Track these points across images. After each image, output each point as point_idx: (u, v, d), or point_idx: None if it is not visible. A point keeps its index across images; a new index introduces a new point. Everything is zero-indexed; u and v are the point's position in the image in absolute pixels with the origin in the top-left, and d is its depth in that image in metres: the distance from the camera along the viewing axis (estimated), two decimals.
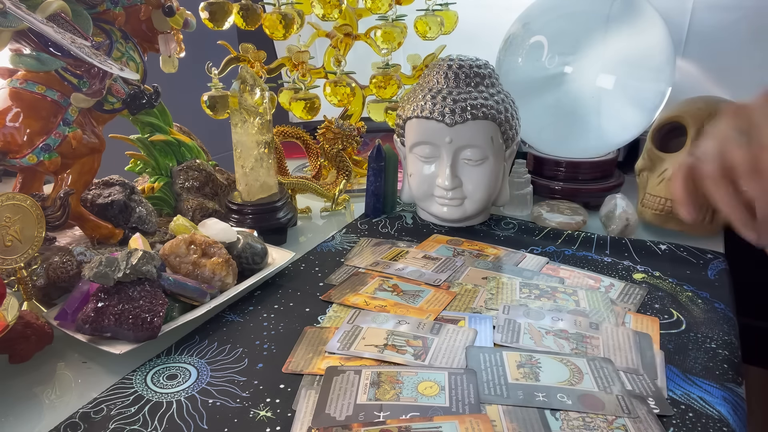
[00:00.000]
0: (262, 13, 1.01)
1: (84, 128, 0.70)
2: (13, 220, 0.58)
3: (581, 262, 0.77)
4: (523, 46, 1.01)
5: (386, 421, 0.47)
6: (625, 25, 0.94)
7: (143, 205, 0.79)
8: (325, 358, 0.56)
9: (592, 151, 0.99)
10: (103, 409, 0.50)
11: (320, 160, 1.02)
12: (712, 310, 0.65)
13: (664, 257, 0.78)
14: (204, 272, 0.65)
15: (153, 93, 0.78)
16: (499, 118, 0.81)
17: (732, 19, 0.98)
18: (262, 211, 0.84)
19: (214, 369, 0.55)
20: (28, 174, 0.71)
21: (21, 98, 0.66)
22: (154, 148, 0.87)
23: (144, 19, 0.77)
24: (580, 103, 0.97)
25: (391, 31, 0.99)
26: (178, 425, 0.48)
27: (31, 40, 0.63)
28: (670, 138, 0.88)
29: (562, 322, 0.61)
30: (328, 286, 0.71)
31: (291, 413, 0.49)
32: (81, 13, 0.67)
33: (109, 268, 0.56)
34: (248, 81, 0.80)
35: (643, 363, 0.55)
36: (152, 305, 0.56)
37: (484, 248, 0.81)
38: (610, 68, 0.95)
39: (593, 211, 0.93)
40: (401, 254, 0.78)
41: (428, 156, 0.84)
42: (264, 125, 0.83)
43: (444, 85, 0.83)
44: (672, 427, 0.47)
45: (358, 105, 1.10)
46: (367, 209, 0.94)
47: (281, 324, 0.63)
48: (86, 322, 0.55)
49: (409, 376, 0.53)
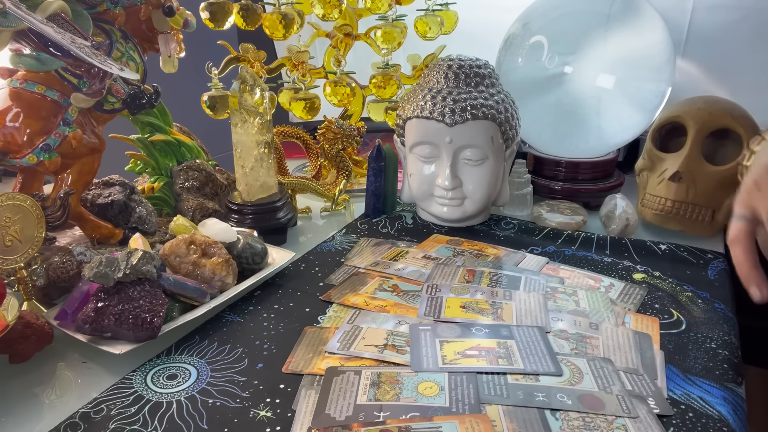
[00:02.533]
0: (262, 13, 1.01)
1: (84, 128, 0.70)
2: (13, 220, 0.58)
3: (581, 262, 0.77)
4: (523, 46, 1.01)
5: (386, 421, 0.47)
6: (625, 25, 0.94)
7: (143, 205, 0.79)
8: (325, 358, 0.56)
9: (592, 151, 0.99)
10: (103, 409, 0.50)
11: (320, 160, 1.02)
12: (712, 310, 0.65)
13: (664, 257, 0.78)
14: (204, 272, 0.65)
15: (153, 93, 0.78)
16: (499, 118, 0.81)
17: (732, 19, 0.98)
18: (262, 211, 0.84)
19: (214, 369, 0.55)
20: (28, 174, 0.71)
21: (21, 98, 0.66)
22: (154, 148, 0.87)
23: (144, 19, 0.77)
24: (580, 103, 0.97)
25: (391, 31, 0.99)
26: (178, 425, 0.48)
27: (31, 40, 0.63)
28: (670, 138, 0.88)
29: (562, 323, 0.61)
30: (328, 286, 0.71)
31: (291, 413, 0.49)
32: (81, 13, 0.67)
33: (109, 268, 0.56)
34: (248, 81, 0.80)
35: (643, 363, 0.55)
36: (152, 305, 0.56)
37: (484, 248, 0.81)
38: (610, 68, 0.95)
39: (593, 211, 0.93)
40: (401, 254, 0.78)
41: (428, 156, 0.84)
42: (264, 125, 0.83)
43: (444, 85, 0.83)
44: (672, 427, 0.47)
45: (358, 105, 1.10)
46: (367, 209, 0.94)
47: (281, 324, 0.63)
48: (86, 322, 0.55)
49: (409, 376, 0.53)
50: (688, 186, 0.81)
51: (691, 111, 0.83)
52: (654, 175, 0.86)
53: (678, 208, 0.82)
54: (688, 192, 0.81)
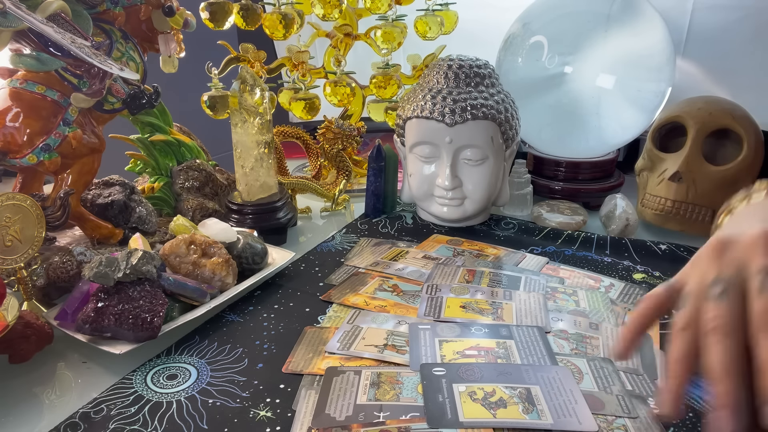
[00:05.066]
0: (262, 13, 1.01)
1: (84, 128, 0.70)
2: (13, 220, 0.58)
3: (581, 262, 0.77)
4: (523, 46, 1.01)
5: (386, 421, 0.47)
6: (625, 25, 0.94)
7: (143, 205, 0.79)
8: (325, 358, 0.56)
9: (592, 151, 0.99)
10: (103, 409, 0.50)
11: (320, 160, 1.02)
12: None
13: (664, 257, 0.78)
14: (204, 272, 0.65)
15: (153, 93, 0.78)
16: (499, 118, 0.81)
17: (732, 19, 0.98)
18: (262, 211, 0.84)
19: (214, 369, 0.55)
20: (28, 174, 0.71)
21: (21, 98, 0.65)
22: (154, 148, 0.87)
23: (144, 19, 0.77)
24: (580, 103, 0.97)
25: (391, 31, 0.99)
26: (178, 425, 0.48)
27: (31, 40, 0.63)
28: (670, 138, 0.88)
29: (562, 323, 0.61)
30: (328, 286, 0.71)
31: (291, 413, 0.49)
32: (81, 13, 0.67)
33: (109, 268, 0.56)
34: (248, 81, 0.80)
35: (643, 363, 0.55)
36: (152, 305, 0.56)
37: (484, 248, 0.81)
38: (610, 68, 0.95)
39: (593, 211, 0.93)
40: (401, 254, 0.78)
41: (428, 156, 0.84)
42: (264, 125, 0.83)
43: (444, 85, 0.83)
44: (672, 427, 0.47)
45: (358, 105, 1.10)
46: (367, 209, 0.94)
47: (281, 324, 0.63)
48: (86, 322, 0.55)
49: (409, 376, 0.53)
50: (688, 186, 0.81)
51: (691, 111, 0.83)
52: (654, 175, 0.86)
53: (678, 208, 0.82)
54: (688, 192, 0.81)
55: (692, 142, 0.81)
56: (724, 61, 1.01)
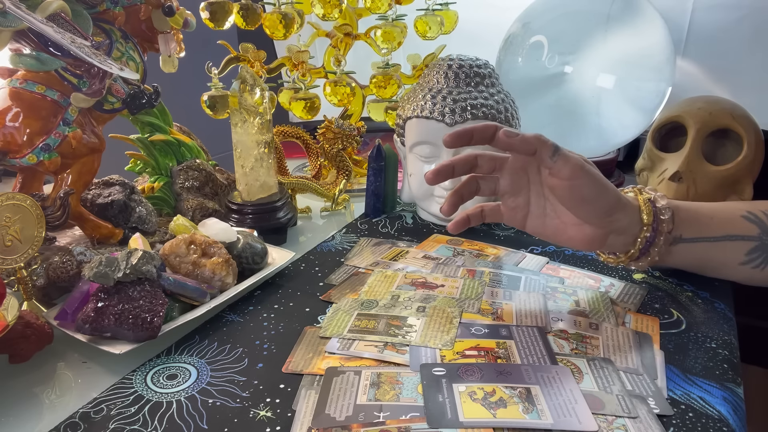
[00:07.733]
0: (262, 12, 1.01)
1: (84, 128, 0.70)
2: (13, 220, 0.58)
3: (581, 261, 0.77)
4: (523, 46, 1.01)
5: (386, 421, 0.47)
6: (625, 24, 0.94)
7: (143, 205, 0.79)
8: (325, 358, 0.56)
9: (592, 151, 0.99)
10: (103, 409, 0.50)
11: (320, 160, 1.02)
12: (712, 309, 0.65)
13: None
14: (204, 272, 0.65)
15: (153, 93, 0.78)
16: (499, 118, 0.81)
17: (732, 19, 0.98)
18: (262, 211, 0.84)
19: (214, 369, 0.55)
20: (28, 174, 0.71)
21: (21, 98, 0.65)
22: (154, 148, 0.87)
23: (144, 19, 0.77)
24: (580, 103, 0.97)
25: (391, 30, 0.99)
26: (178, 425, 0.48)
27: (31, 40, 0.62)
28: (670, 138, 0.88)
29: (562, 323, 0.61)
30: (328, 286, 0.71)
31: (291, 413, 0.49)
32: (81, 13, 0.67)
33: (109, 268, 0.56)
34: (248, 81, 0.80)
35: (643, 363, 0.55)
36: (152, 305, 0.56)
37: (484, 248, 0.81)
38: (610, 68, 0.95)
39: None
40: (401, 254, 0.78)
41: (428, 156, 0.84)
42: (264, 125, 0.83)
43: (444, 85, 0.83)
44: (672, 427, 0.47)
45: (358, 105, 1.10)
46: (367, 209, 0.94)
47: (281, 324, 0.63)
48: (86, 322, 0.55)
49: (409, 376, 0.53)
50: (688, 186, 0.81)
51: (691, 111, 0.83)
52: (654, 175, 0.86)
53: None
54: (688, 192, 0.81)
55: (692, 141, 0.81)
56: (724, 60, 1.01)
